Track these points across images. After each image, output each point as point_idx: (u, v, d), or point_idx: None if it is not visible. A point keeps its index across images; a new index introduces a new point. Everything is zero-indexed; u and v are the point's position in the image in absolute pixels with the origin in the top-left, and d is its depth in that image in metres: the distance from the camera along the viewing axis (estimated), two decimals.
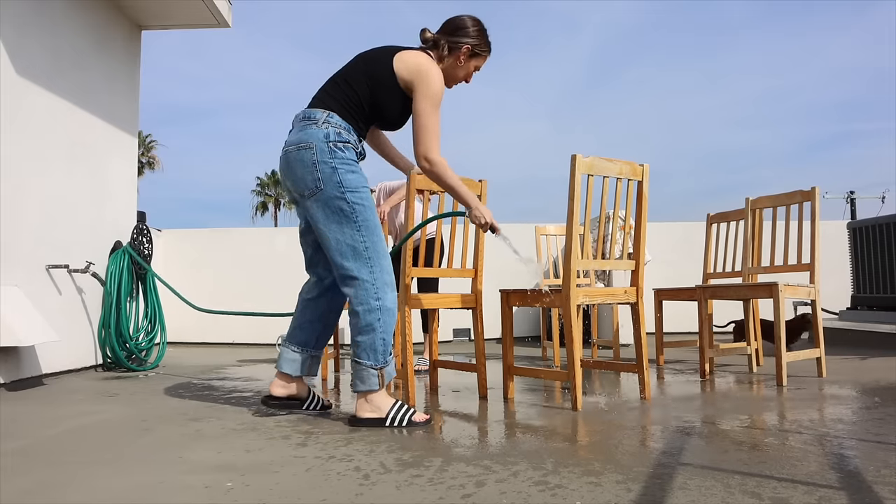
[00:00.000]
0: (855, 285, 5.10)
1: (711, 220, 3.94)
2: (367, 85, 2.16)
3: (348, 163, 2.11)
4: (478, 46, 2.30)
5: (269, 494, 1.41)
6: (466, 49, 2.28)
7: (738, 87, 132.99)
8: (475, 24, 2.31)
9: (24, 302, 3.17)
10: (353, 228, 2.09)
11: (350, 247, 2.09)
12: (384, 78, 2.15)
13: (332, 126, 2.11)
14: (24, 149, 3.33)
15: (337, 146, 2.10)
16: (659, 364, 3.71)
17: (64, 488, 1.48)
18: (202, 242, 6.14)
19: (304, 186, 2.10)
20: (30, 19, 3.38)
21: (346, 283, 2.13)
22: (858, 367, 3.46)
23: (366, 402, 2.14)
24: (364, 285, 2.10)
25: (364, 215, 2.11)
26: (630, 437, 1.90)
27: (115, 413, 2.43)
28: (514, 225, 6.29)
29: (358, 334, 2.14)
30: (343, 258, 2.10)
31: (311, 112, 2.15)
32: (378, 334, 2.12)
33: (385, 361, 2.14)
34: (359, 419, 2.13)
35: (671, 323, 4.65)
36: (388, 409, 2.13)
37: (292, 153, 2.12)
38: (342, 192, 2.08)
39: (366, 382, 2.13)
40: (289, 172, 2.14)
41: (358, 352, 2.14)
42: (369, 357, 2.12)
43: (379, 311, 2.11)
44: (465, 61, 2.30)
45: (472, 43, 2.28)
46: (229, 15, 4.57)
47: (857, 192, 20.06)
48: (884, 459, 1.61)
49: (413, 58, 2.17)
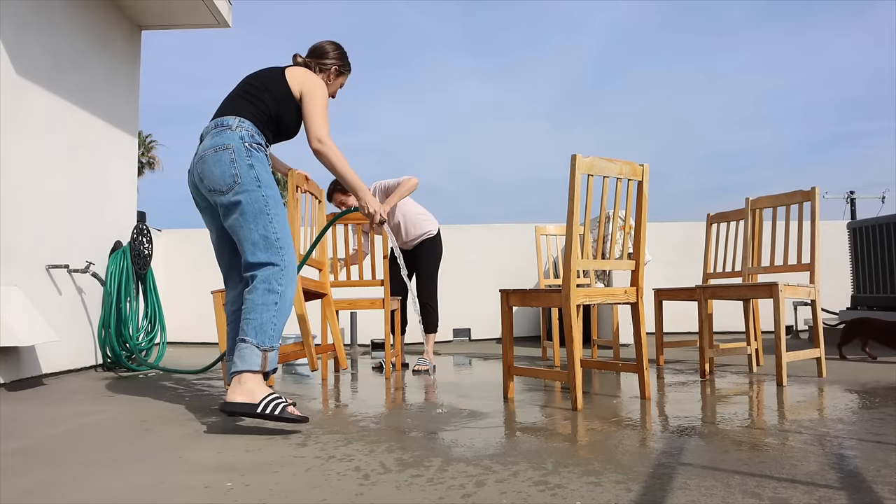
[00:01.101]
0: (855, 285, 5.10)
1: (711, 220, 3.94)
2: (271, 100, 2.37)
3: (262, 161, 2.28)
4: (342, 66, 2.65)
5: (269, 494, 1.41)
6: (335, 69, 2.62)
7: (739, 87, 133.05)
8: (338, 48, 2.65)
9: (24, 302, 3.17)
10: (266, 220, 2.21)
11: (262, 237, 2.21)
12: (282, 93, 2.38)
13: (246, 130, 2.29)
14: (25, 149, 3.33)
15: (252, 147, 2.27)
16: (659, 364, 3.71)
17: (64, 488, 1.48)
18: (202, 242, 6.10)
19: (222, 183, 2.22)
20: (30, 19, 3.38)
21: (255, 268, 2.20)
22: (858, 367, 3.46)
23: (239, 383, 2.08)
24: (272, 269, 2.20)
25: (276, 209, 2.25)
26: (630, 437, 1.90)
27: (115, 413, 2.43)
28: (514, 225, 6.30)
29: (251, 311, 2.15)
30: (255, 247, 2.20)
31: (223, 120, 2.31)
32: (271, 315, 2.15)
33: (271, 346, 2.14)
34: (229, 404, 2.06)
35: (671, 323, 4.65)
36: (262, 397, 2.07)
37: (210, 155, 2.25)
38: (258, 186, 2.22)
39: (246, 361, 2.10)
40: (207, 173, 2.25)
41: (247, 329, 2.13)
42: (256, 336, 2.12)
43: (279, 294, 2.18)
44: (333, 79, 2.63)
45: (339, 63, 2.64)
46: (229, 15, 4.58)
47: (857, 192, 20.05)
48: (884, 459, 1.61)
49: (300, 72, 2.45)
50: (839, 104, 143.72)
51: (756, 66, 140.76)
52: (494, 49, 52.34)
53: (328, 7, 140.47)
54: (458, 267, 5.86)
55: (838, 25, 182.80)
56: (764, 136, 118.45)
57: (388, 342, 3.53)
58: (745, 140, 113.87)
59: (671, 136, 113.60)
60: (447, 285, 4.68)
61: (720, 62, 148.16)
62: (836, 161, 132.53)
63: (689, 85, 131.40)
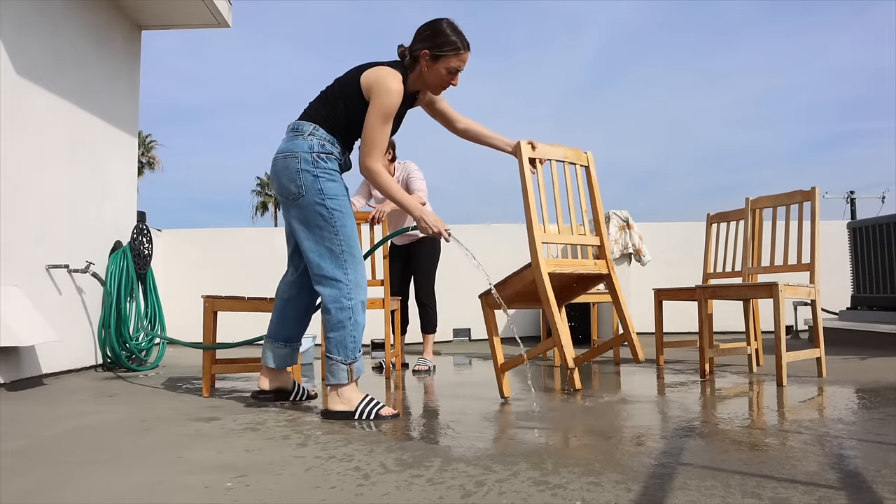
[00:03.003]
0: (855, 285, 5.10)
1: (711, 220, 3.94)
2: (343, 104, 2.28)
3: (330, 172, 2.27)
4: (436, 48, 2.24)
5: (269, 494, 1.41)
6: (425, 54, 2.26)
7: (739, 87, 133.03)
8: (428, 28, 2.28)
9: (24, 302, 3.17)
10: (331, 233, 2.24)
11: (328, 249, 2.24)
12: (354, 96, 2.25)
13: (317, 138, 2.26)
14: (25, 148, 3.33)
15: (320, 157, 2.25)
16: (659, 364, 3.71)
17: (63, 488, 1.48)
18: (202, 242, 6.13)
19: (287, 192, 2.26)
20: (30, 19, 3.38)
21: (322, 283, 2.27)
22: (858, 367, 3.46)
23: (336, 395, 2.28)
24: (338, 285, 2.25)
25: (342, 221, 2.25)
26: (630, 437, 1.90)
27: (114, 413, 2.43)
28: (513, 225, 6.30)
29: (330, 331, 2.28)
30: (321, 259, 2.25)
31: (299, 124, 2.31)
32: (348, 331, 2.26)
33: (354, 357, 2.29)
34: (330, 412, 2.27)
35: (671, 323, 4.65)
36: (358, 403, 2.26)
37: (279, 161, 2.28)
38: (322, 199, 2.23)
39: (336, 376, 2.28)
40: (274, 178, 2.30)
41: (330, 347, 2.29)
42: (339, 353, 2.27)
43: (350, 310, 2.26)
44: (429, 67, 2.27)
45: (427, 46, 2.25)
46: (229, 15, 4.58)
47: (857, 192, 19.99)
48: (884, 459, 1.61)
49: (374, 72, 2.23)
50: (839, 104, 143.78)
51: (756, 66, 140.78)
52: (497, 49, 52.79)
53: (328, 7, 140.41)
54: (458, 267, 5.85)
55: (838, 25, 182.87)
56: (764, 136, 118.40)
57: (388, 342, 3.53)
58: (745, 140, 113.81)
59: (671, 136, 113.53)
60: (447, 285, 4.68)
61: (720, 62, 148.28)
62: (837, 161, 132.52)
63: (689, 85, 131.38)
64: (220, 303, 2.88)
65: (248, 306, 2.90)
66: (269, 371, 2.53)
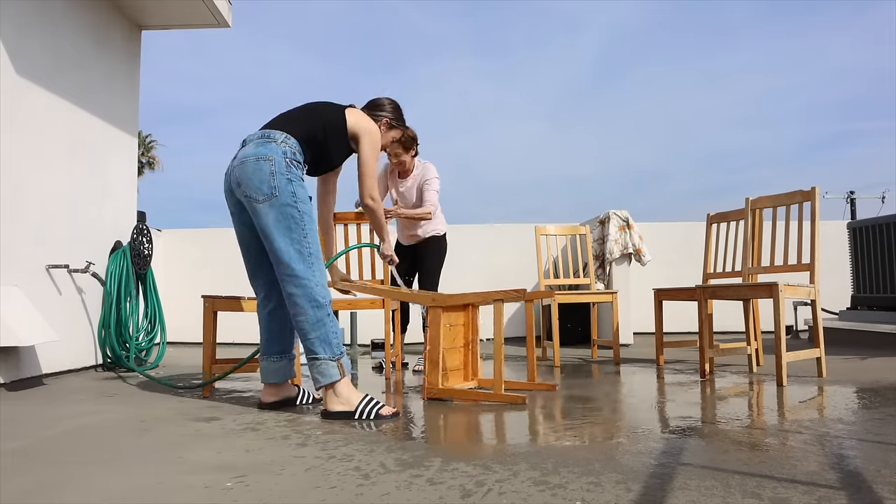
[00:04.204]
0: (855, 285, 5.09)
1: (711, 220, 3.94)
2: (323, 129, 2.46)
3: (300, 178, 2.40)
4: (394, 121, 2.74)
5: (269, 494, 1.41)
6: (387, 121, 2.71)
7: (739, 87, 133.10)
8: (391, 103, 2.75)
9: (24, 302, 3.17)
10: (300, 235, 2.32)
11: (297, 251, 2.31)
12: (336, 124, 2.49)
13: (289, 146, 2.38)
14: (25, 148, 3.34)
15: (293, 163, 2.37)
16: (659, 364, 3.71)
17: (63, 488, 1.48)
18: (202, 242, 6.13)
19: (259, 193, 2.30)
20: (30, 19, 3.38)
21: (294, 283, 2.31)
22: (858, 367, 3.46)
23: (334, 395, 2.29)
24: (310, 284, 2.31)
25: (311, 225, 2.37)
26: (630, 437, 1.90)
27: (114, 413, 2.43)
28: (514, 225, 6.30)
29: (310, 331, 2.30)
30: (290, 260, 2.31)
31: (270, 132, 2.40)
32: (329, 328, 2.32)
33: (340, 352, 2.33)
34: (329, 412, 2.28)
35: (671, 323, 4.65)
36: (358, 403, 2.28)
37: (251, 163, 2.33)
38: (294, 202, 2.32)
39: (326, 375, 2.29)
40: (244, 179, 2.33)
41: (313, 348, 2.30)
42: (325, 350, 2.30)
43: (325, 307, 2.32)
44: (385, 131, 2.72)
45: (391, 117, 2.73)
46: (229, 15, 4.57)
47: (857, 192, 19.98)
48: (884, 459, 1.61)
49: (359, 113, 2.57)
50: (840, 104, 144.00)
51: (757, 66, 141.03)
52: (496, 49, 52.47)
53: (328, 7, 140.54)
54: (459, 267, 5.86)
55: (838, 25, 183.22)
56: (764, 136, 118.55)
57: (388, 342, 3.53)
58: (745, 140, 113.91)
59: (671, 136, 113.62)
60: (448, 286, 4.68)
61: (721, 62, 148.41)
62: (836, 161, 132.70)
63: (689, 85, 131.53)
64: (219, 303, 2.88)
65: (248, 306, 2.90)
66: (269, 386, 2.53)
